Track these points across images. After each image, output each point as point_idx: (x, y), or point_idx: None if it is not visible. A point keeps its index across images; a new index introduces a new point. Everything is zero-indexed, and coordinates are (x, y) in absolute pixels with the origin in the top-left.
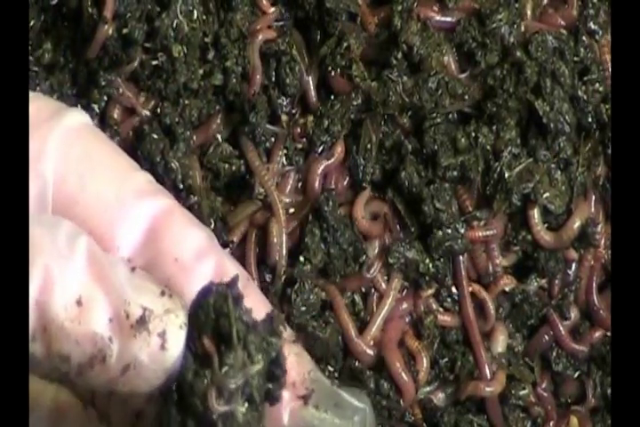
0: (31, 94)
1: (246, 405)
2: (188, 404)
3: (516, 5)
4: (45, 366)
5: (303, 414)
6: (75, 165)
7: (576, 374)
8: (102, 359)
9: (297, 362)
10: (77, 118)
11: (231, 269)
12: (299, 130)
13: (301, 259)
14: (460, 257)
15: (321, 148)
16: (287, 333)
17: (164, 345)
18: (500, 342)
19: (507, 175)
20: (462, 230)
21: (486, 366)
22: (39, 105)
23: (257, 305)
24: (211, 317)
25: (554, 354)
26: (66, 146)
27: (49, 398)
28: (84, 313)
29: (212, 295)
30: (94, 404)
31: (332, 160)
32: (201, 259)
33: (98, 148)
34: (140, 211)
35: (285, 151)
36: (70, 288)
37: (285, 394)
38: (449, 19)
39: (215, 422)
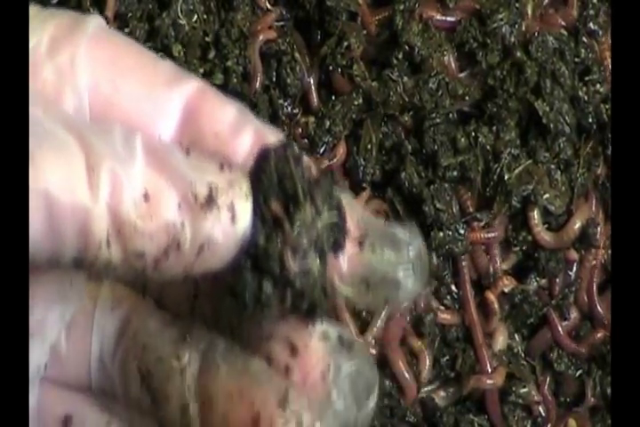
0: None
1: (318, 259)
2: (263, 268)
3: (517, 5)
4: (121, 269)
5: (361, 258)
6: (105, 70)
7: (577, 374)
8: (177, 247)
9: (349, 209)
10: (96, 23)
11: (269, 135)
12: (300, 130)
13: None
14: (462, 258)
15: (323, 148)
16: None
17: (234, 218)
18: (501, 342)
19: (506, 177)
20: (462, 232)
21: (487, 361)
22: (56, 22)
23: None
24: (274, 180)
25: (555, 354)
26: (94, 54)
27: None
28: (154, 206)
29: (272, 159)
30: (147, 292)
31: (335, 160)
32: (239, 130)
33: (122, 48)
34: (174, 97)
35: None
36: (137, 186)
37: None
38: (450, 18)
39: (292, 280)
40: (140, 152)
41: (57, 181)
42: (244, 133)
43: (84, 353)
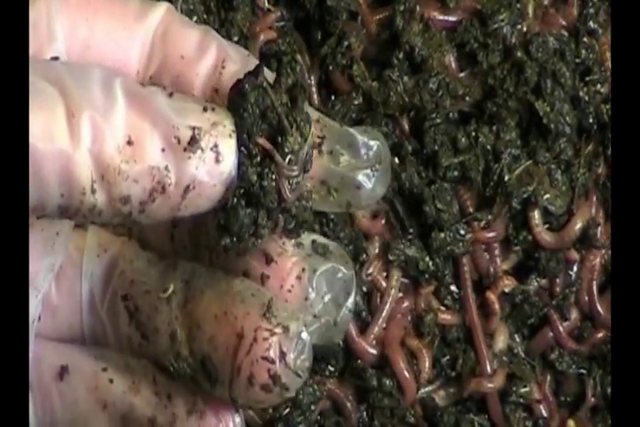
0: None
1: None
2: (260, 204)
3: (518, 6)
4: (107, 214)
5: (319, 162)
6: (79, 13)
7: (578, 373)
8: (162, 190)
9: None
10: None
11: (232, 52)
12: None
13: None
14: (463, 259)
15: None
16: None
17: (219, 158)
18: (501, 342)
19: (506, 178)
20: (463, 232)
21: (488, 363)
22: None
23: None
24: (256, 114)
25: (556, 353)
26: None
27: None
28: (137, 150)
29: (248, 93)
30: (131, 235)
31: None
32: (203, 51)
33: None
34: (144, 27)
35: None
36: (119, 131)
37: None
38: (451, 18)
39: (290, 208)
40: (121, 96)
41: (37, 129)
42: (207, 53)
43: (75, 303)
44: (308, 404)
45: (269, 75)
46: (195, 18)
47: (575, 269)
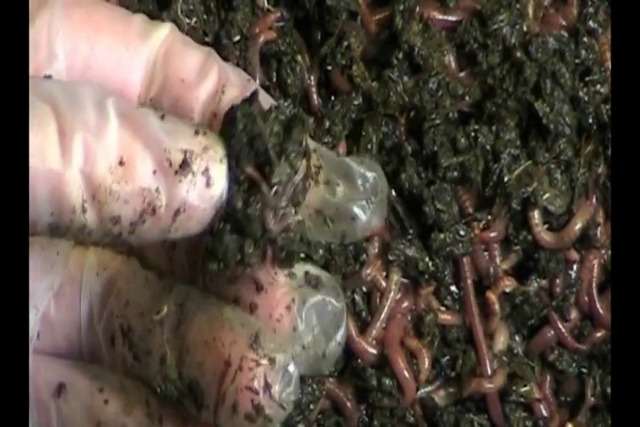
0: None
1: (294, 211)
2: (244, 231)
3: (517, 6)
4: (97, 233)
5: (316, 193)
6: (80, 30)
7: (578, 373)
8: (152, 212)
9: None
10: None
11: (234, 77)
12: None
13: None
14: (463, 259)
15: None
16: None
17: (209, 182)
18: (501, 342)
19: (506, 179)
20: (463, 233)
21: (488, 363)
22: None
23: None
24: (244, 142)
25: (555, 353)
26: (68, 15)
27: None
28: (129, 171)
29: (239, 119)
30: (132, 252)
31: None
32: (204, 74)
33: (94, 6)
34: (147, 49)
35: None
36: (111, 152)
37: None
38: (450, 17)
39: (275, 239)
40: (114, 116)
41: (30, 148)
42: (208, 78)
43: (74, 320)
44: (308, 403)
45: (269, 103)
46: (194, 18)
47: (575, 269)
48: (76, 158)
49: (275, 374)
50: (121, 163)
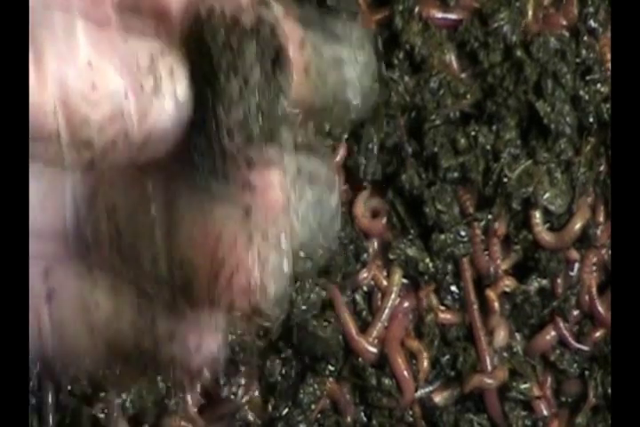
0: None
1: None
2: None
3: (517, 4)
4: (69, 159)
5: (307, 85)
6: None
7: (579, 373)
8: (125, 136)
9: (291, 33)
10: None
11: None
12: None
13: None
14: (463, 259)
15: None
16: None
17: (177, 103)
18: (502, 339)
19: (506, 179)
20: (464, 234)
21: (488, 359)
22: None
23: None
24: (198, 54)
25: (556, 353)
26: None
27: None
28: (102, 96)
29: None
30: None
31: (336, 160)
32: None
33: None
34: None
35: None
36: (83, 77)
37: None
38: (451, 16)
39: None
40: (85, 43)
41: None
42: None
43: (60, 225)
44: (308, 403)
45: None
46: None
47: (576, 268)
48: (50, 84)
49: (268, 274)
50: (94, 87)
